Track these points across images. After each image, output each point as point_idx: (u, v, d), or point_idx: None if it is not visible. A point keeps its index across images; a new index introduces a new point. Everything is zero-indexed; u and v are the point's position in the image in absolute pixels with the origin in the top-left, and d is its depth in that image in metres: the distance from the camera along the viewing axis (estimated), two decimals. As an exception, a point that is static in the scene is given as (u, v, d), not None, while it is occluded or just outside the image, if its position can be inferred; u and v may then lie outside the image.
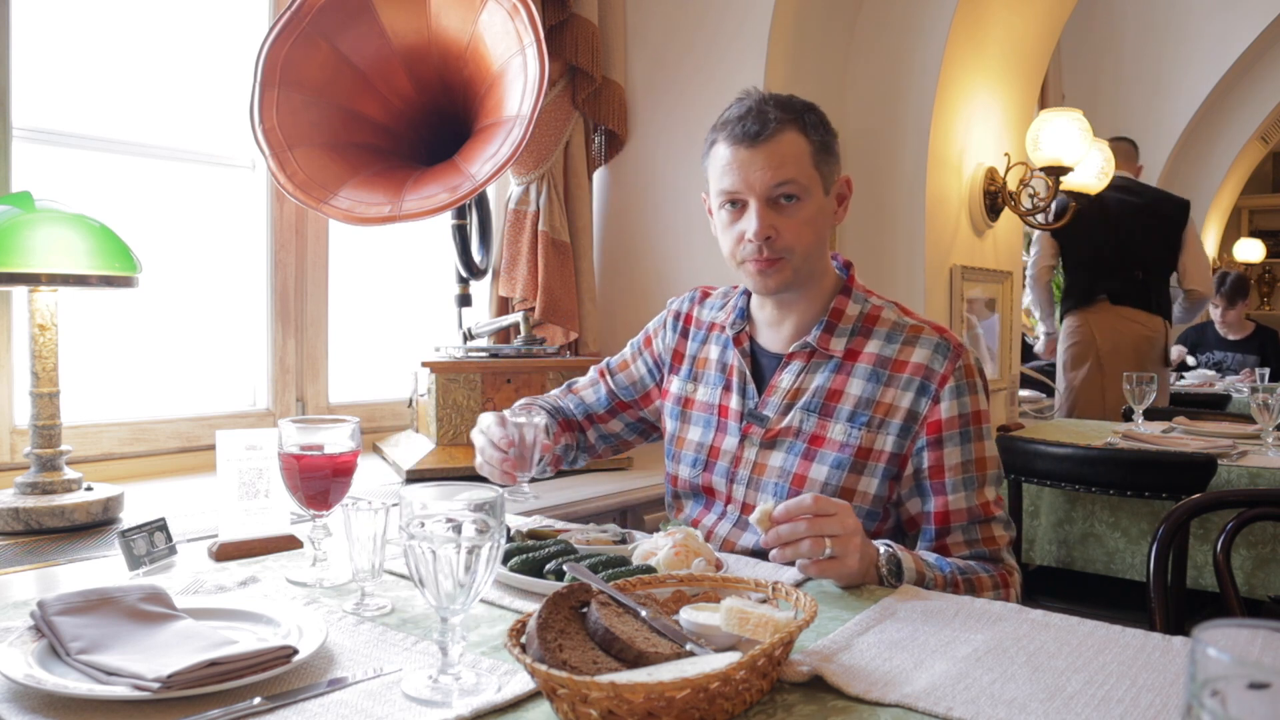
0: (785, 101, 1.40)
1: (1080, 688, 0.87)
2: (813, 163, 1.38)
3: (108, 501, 1.57)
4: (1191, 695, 0.46)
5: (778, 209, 1.37)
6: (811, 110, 1.41)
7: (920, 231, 2.87)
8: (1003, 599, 1.34)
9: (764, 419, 1.44)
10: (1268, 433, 2.73)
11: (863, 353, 1.41)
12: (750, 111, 1.38)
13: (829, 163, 1.41)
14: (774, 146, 1.36)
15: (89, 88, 2.03)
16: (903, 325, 1.43)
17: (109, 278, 1.54)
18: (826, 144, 1.41)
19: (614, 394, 1.70)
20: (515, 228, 2.58)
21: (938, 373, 1.37)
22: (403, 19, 1.98)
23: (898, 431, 1.37)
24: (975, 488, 1.36)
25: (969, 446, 1.37)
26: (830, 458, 1.38)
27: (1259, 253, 8.55)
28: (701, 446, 1.51)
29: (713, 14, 2.67)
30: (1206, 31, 5.55)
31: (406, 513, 0.85)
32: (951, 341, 1.40)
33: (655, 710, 0.74)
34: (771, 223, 1.37)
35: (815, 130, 1.39)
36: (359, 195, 1.90)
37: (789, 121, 1.37)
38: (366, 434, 2.22)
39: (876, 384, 1.39)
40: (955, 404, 1.36)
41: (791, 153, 1.36)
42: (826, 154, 1.40)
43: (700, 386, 1.55)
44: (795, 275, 1.41)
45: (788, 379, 1.44)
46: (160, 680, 0.81)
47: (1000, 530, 1.38)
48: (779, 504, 1.17)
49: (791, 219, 1.37)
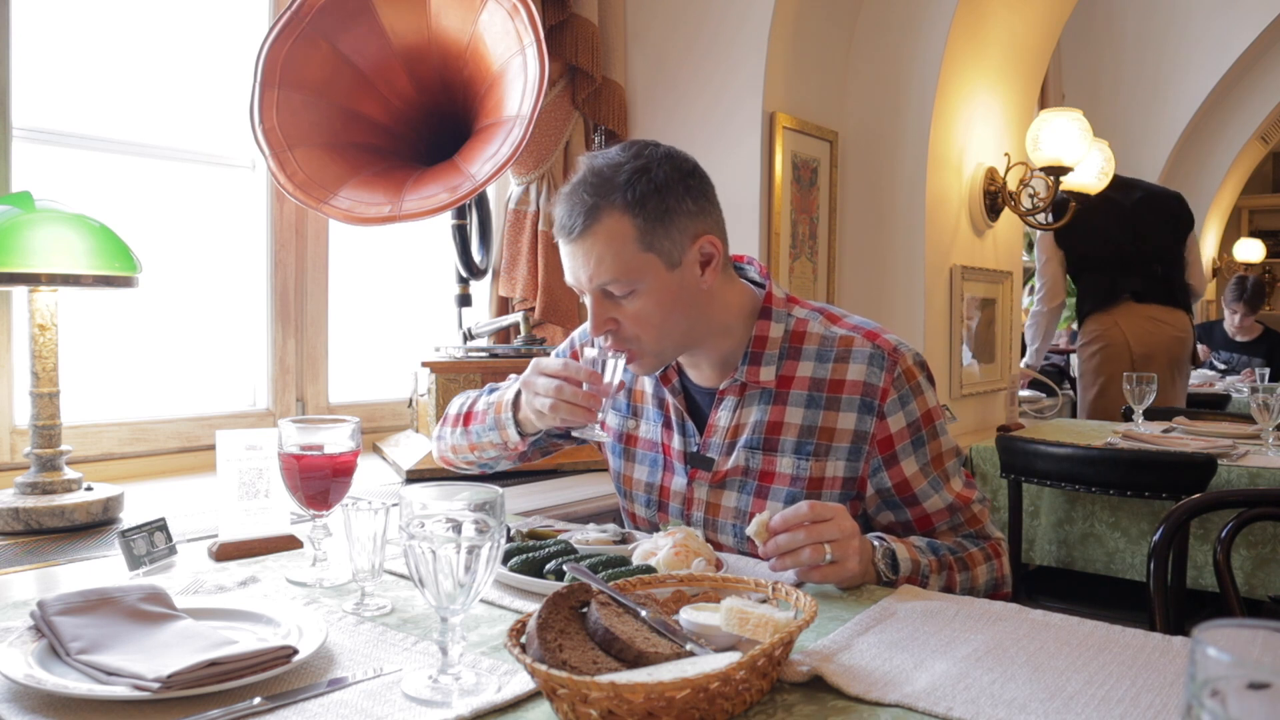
0: (606, 177, 1.27)
1: (1080, 688, 0.87)
2: (640, 246, 1.26)
3: (108, 501, 1.57)
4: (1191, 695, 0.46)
5: (614, 300, 1.30)
6: (642, 176, 1.26)
7: (920, 231, 2.87)
8: (996, 570, 1.35)
9: (708, 461, 1.40)
10: (1268, 433, 2.73)
11: (795, 377, 1.36)
12: (565, 198, 1.29)
13: (668, 235, 1.27)
14: (590, 241, 1.26)
15: (89, 88, 2.03)
16: (831, 339, 1.36)
17: (109, 278, 1.54)
18: (663, 212, 1.26)
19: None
20: (515, 228, 2.58)
21: (877, 387, 1.32)
22: (403, 19, 1.98)
23: (847, 455, 1.33)
24: (943, 484, 1.36)
25: (924, 450, 1.34)
26: (783, 493, 1.35)
27: (1259, 253, 8.55)
28: (651, 487, 1.47)
29: (713, 14, 2.67)
30: (1206, 31, 5.55)
31: (406, 513, 0.85)
32: (885, 348, 1.33)
33: (655, 710, 0.74)
34: (609, 315, 1.30)
35: (642, 205, 1.25)
36: (359, 195, 1.90)
37: (605, 206, 1.25)
38: (366, 434, 2.22)
39: (816, 409, 1.34)
40: (901, 415, 1.33)
41: (609, 244, 1.26)
42: (662, 226, 1.26)
43: (641, 422, 1.50)
44: (662, 356, 1.36)
45: (725, 416, 1.39)
46: (160, 680, 0.81)
47: (978, 508, 1.38)
48: (775, 514, 1.16)
49: (630, 309, 1.29)
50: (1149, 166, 5.73)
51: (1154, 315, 3.86)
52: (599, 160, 1.29)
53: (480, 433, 1.49)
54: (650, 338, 1.32)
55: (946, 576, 1.28)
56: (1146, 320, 3.85)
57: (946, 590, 1.27)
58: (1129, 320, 3.85)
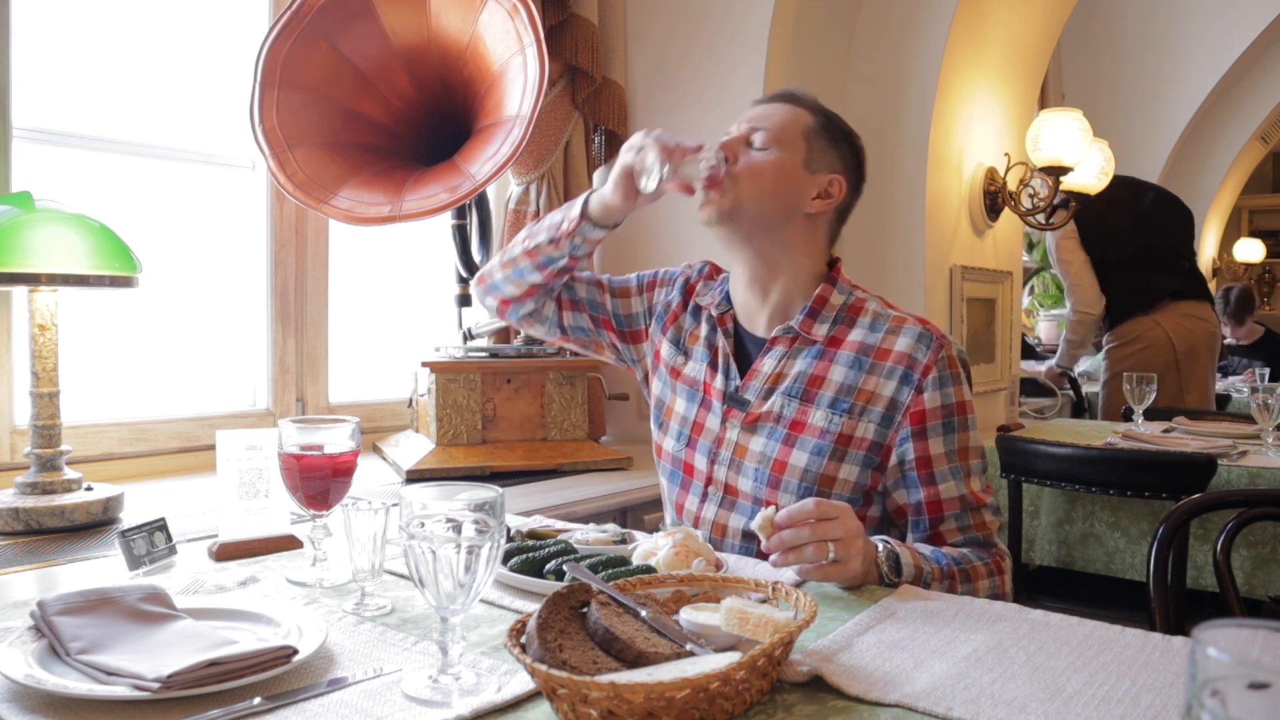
0: (814, 99, 1.48)
1: (1080, 688, 0.87)
2: (802, 133, 1.43)
3: (108, 501, 1.57)
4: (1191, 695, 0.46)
5: (750, 147, 1.42)
6: (837, 118, 1.48)
7: (920, 231, 2.87)
8: (998, 586, 1.35)
9: (745, 403, 1.44)
10: (1268, 433, 2.73)
11: (845, 340, 1.42)
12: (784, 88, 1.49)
13: (821, 149, 1.44)
14: (776, 105, 1.45)
15: (89, 88, 2.03)
16: (886, 315, 1.43)
17: (109, 278, 1.54)
18: (828, 134, 1.45)
19: (602, 307, 1.63)
20: (515, 228, 2.58)
21: (921, 362, 1.37)
22: (403, 19, 1.98)
23: (879, 420, 1.37)
24: (963, 476, 1.37)
25: (953, 437, 1.37)
26: (810, 444, 1.38)
27: (1259, 253, 8.55)
28: (686, 421, 1.51)
29: (713, 14, 2.67)
30: (1206, 32, 5.55)
31: (406, 513, 0.85)
32: (934, 332, 1.40)
33: (655, 710, 0.74)
34: (736, 150, 1.42)
35: (822, 119, 1.45)
36: (359, 195, 1.90)
37: (805, 102, 1.45)
38: (366, 434, 2.22)
39: (859, 371, 1.39)
40: (939, 394, 1.36)
41: (787, 115, 1.43)
42: (822, 140, 1.44)
43: (689, 360, 1.55)
44: (734, 211, 1.41)
45: (770, 363, 1.44)
46: (160, 680, 0.81)
47: (990, 516, 1.39)
48: (780, 509, 1.17)
49: (755, 157, 1.41)
50: (1149, 166, 5.73)
51: (1190, 312, 3.84)
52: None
53: (539, 229, 1.55)
54: (749, 187, 1.40)
55: (948, 586, 1.28)
56: (1184, 318, 3.83)
57: None
58: (1170, 319, 3.82)
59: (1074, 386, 4.17)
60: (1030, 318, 5.58)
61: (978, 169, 3.16)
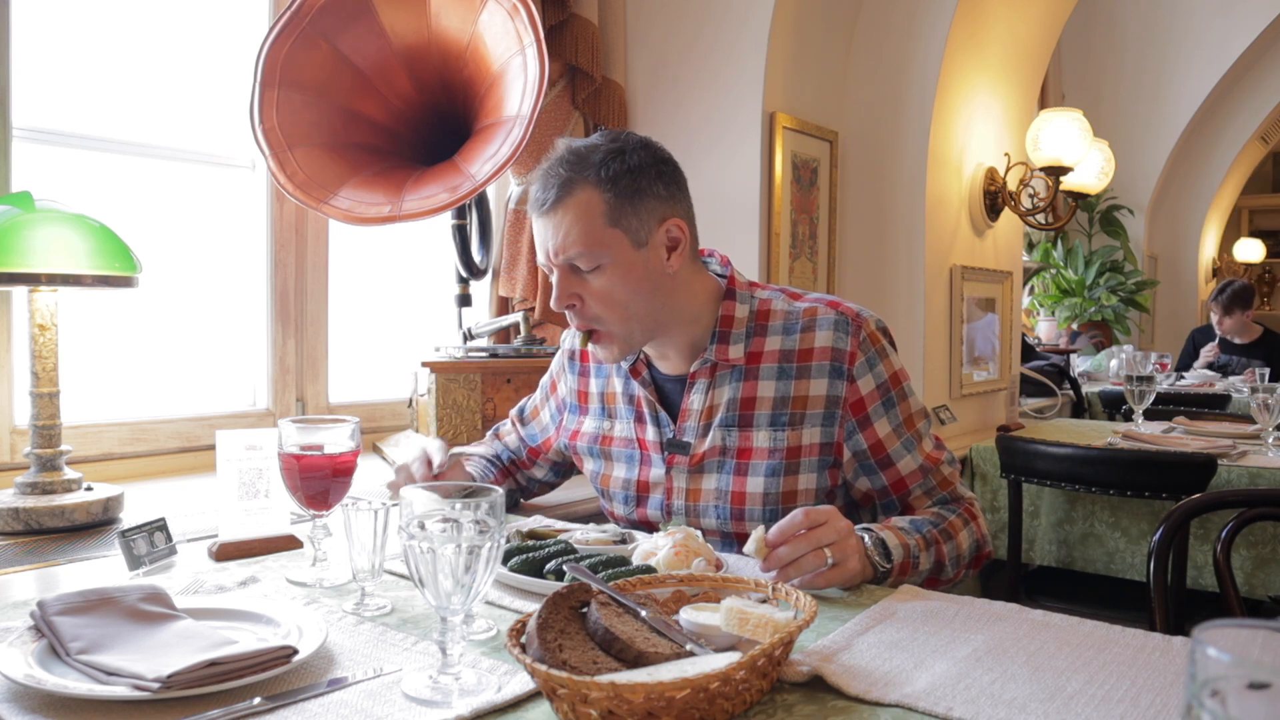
0: (583, 154, 1.31)
1: (1080, 688, 0.87)
2: (607, 221, 1.29)
3: (108, 501, 1.56)
4: (1191, 695, 0.46)
5: (579, 276, 1.33)
6: (617, 157, 1.31)
7: (920, 231, 2.87)
8: (975, 532, 1.37)
9: (685, 446, 1.42)
10: (1268, 433, 2.73)
11: (764, 352, 1.39)
12: (541, 175, 1.33)
13: (636, 214, 1.31)
14: (560, 213, 1.30)
15: (89, 88, 2.03)
16: (795, 312, 1.40)
17: (109, 278, 1.54)
18: (625, 192, 1.30)
19: (524, 443, 1.72)
20: (515, 228, 2.57)
21: (845, 351, 1.36)
22: (403, 19, 1.98)
23: (822, 420, 1.36)
24: (915, 446, 1.39)
25: (895, 411, 1.38)
26: (762, 467, 1.37)
27: (1259, 253, 8.56)
28: (629, 483, 1.49)
29: (713, 14, 2.67)
30: (1206, 32, 5.56)
31: (406, 513, 0.85)
32: (848, 314, 1.38)
33: (655, 710, 0.74)
34: (573, 290, 1.33)
35: (614, 183, 1.29)
36: (359, 195, 1.90)
37: (579, 180, 1.30)
38: (366, 434, 2.22)
39: (787, 380, 1.37)
40: (870, 377, 1.36)
41: (578, 217, 1.29)
42: (632, 204, 1.30)
43: (616, 423, 1.52)
44: (629, 340, 1.37)
45: (698, 399, 1.41)
46: (160, 680, 0.81)
47: (948, 469, 1.41)
48: (770, 528, 1.16)
49: (594, 285, 1.32)
50: (1149, 166, 5.73)
51: None
52: (577, 141, 1.35)
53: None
54: (615, 318, 1.34)
55: (935, 551, 1.30)
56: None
57: (937, 563, 1.30)
58: None
59: (1074, 386, 4.16)
60: (1030, 318, 5.58)
61: (978, 169, 3.16)
